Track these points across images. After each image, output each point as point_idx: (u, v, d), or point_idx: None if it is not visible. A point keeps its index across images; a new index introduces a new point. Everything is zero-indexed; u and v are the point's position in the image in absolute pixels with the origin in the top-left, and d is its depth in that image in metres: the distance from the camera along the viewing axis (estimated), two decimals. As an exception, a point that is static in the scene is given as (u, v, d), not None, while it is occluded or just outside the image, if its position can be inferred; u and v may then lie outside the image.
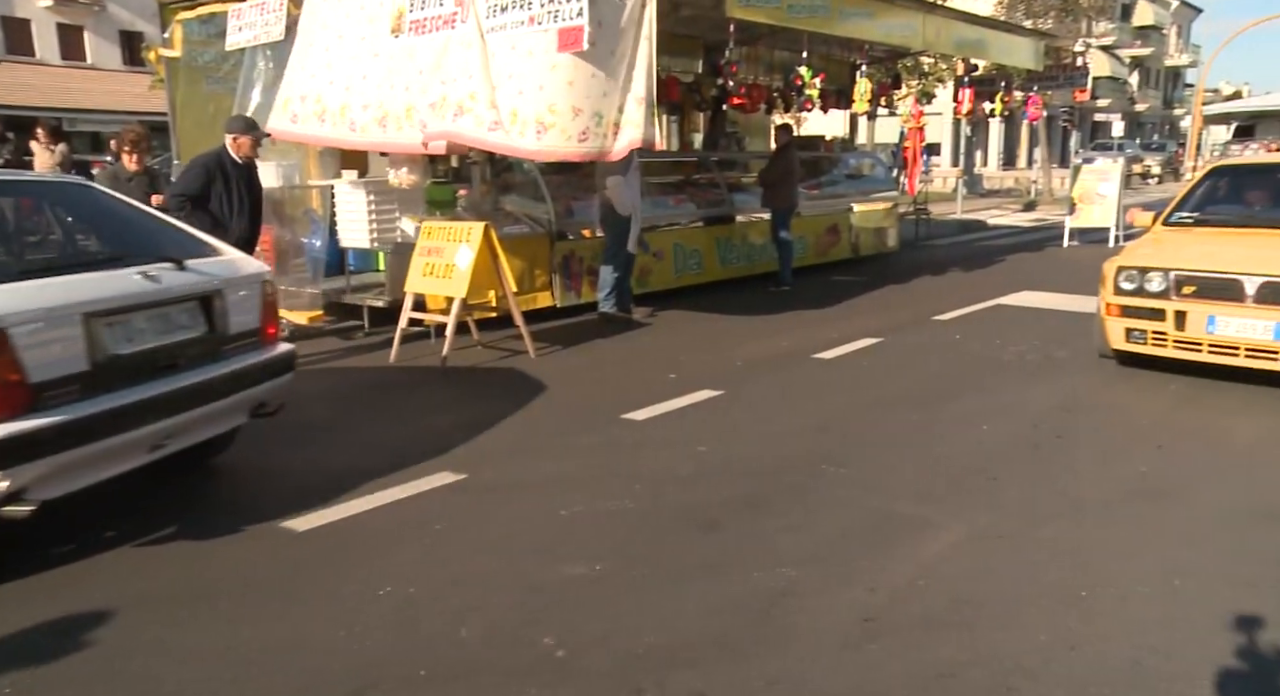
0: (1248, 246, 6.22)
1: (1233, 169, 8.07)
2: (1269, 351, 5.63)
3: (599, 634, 3.11)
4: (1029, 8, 27.98)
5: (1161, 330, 5.96)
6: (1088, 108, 45.44)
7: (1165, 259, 6.10)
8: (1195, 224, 6.94)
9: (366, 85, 7.39)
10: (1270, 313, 5.60)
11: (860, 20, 9.47)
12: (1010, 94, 14.46)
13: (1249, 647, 3.01)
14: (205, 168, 6.40)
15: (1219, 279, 5.79)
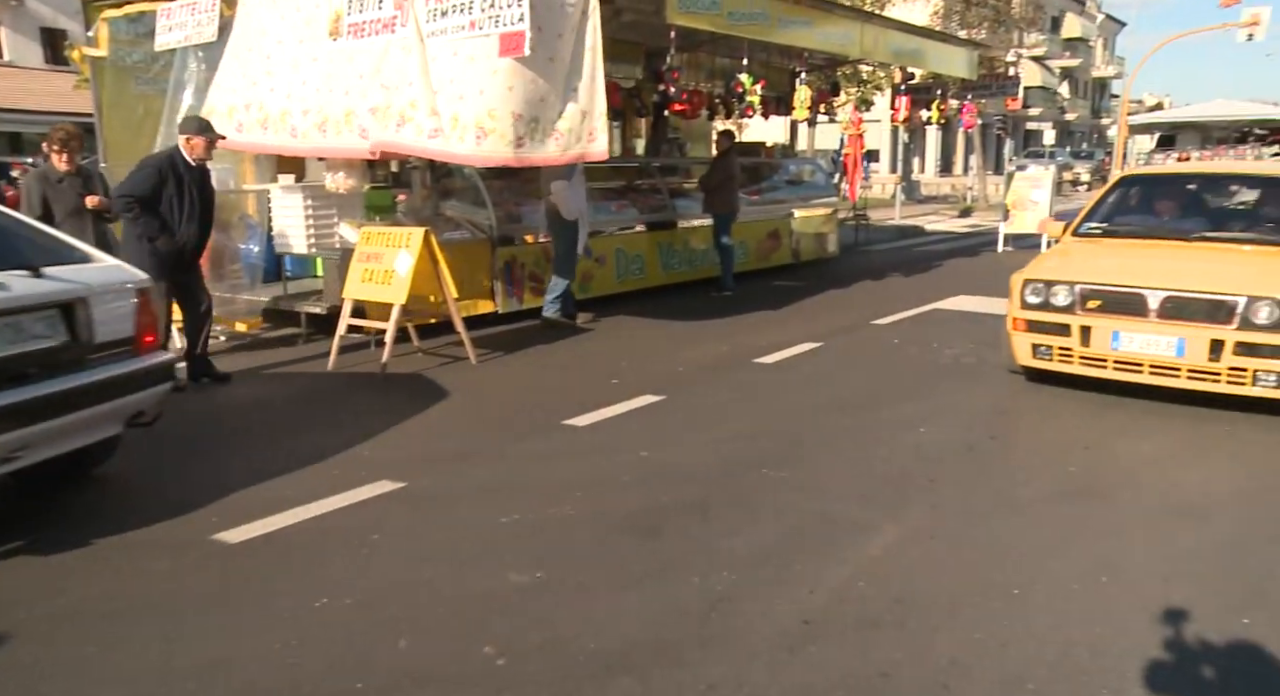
0: (1154, 259, 6.13)
1: (1141, 179, 7.94)
2: (1171, 368, 5.48)
3: (540, 641, 3.09)
4: (963, 18, 28.60)
5: (1067, 346, 5.80)
6: (1020, 116, 46.58)
7: (1071, 272, 5.96)
8: (1104, 235, 6.82)
9: (306, 90, 7.28)
10: (1173, 328, 5.44)
11: (799, 28, 9.58)
12: (946, 102, 14.74)
13: (1172, 639, 3.10)
14: (157, 168, 6.16)
15: (1123, 293, 5.64)
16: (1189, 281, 5.51)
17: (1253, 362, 5.22)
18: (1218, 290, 5.37)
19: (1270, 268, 5.67)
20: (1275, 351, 5.19)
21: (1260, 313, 5.21)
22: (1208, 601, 3.34)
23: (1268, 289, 5.28)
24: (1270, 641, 3.09)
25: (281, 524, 4.03)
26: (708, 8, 7.99)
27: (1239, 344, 5.22)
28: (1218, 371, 5.31)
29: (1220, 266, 5.79)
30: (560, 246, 8.48)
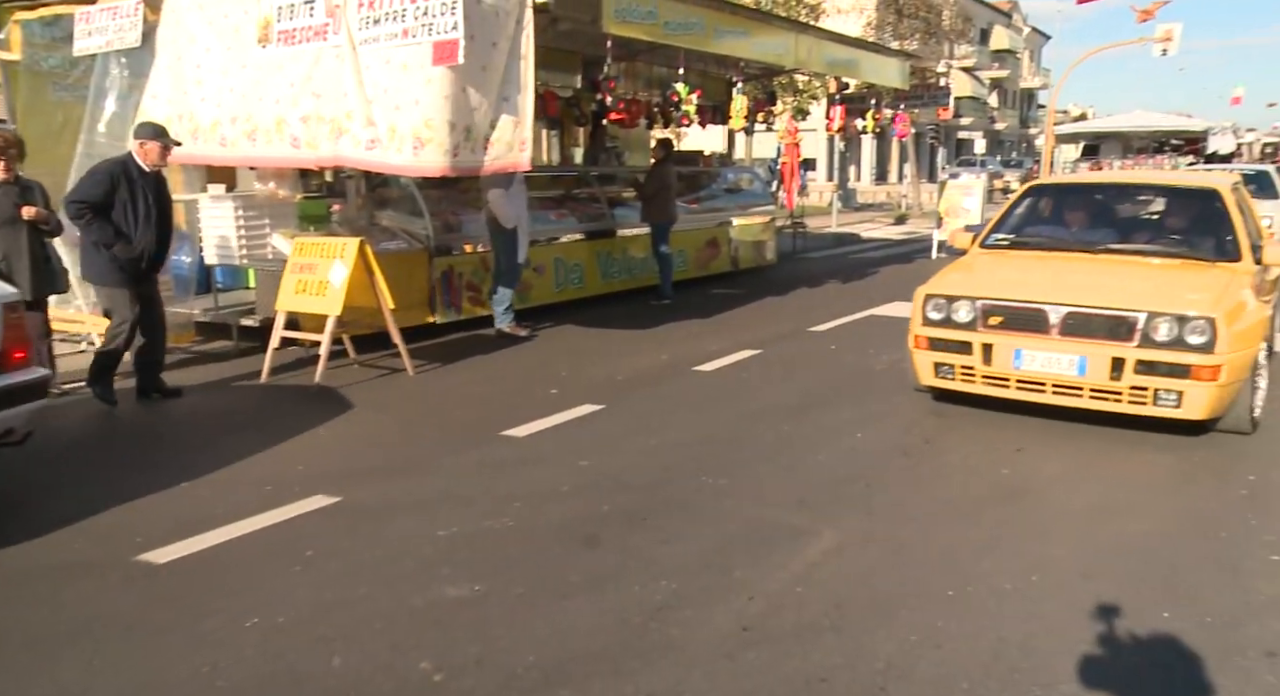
0: (1058, 272, 5.91)
1: (1050, 188, 7.70)
2: (1074, 388, 5.25)
3: (477, 655, 3.06)
4: (896, 29, 29.16)
5: (969, 365, 5.51)
6: (952, 126, 47.64)
7: (973, 286, 5.68)
8: (1011, 247, 6.57)
9: (234, 98, 7.12)
10: (1075, 345, 5.20)
11: (735, 38, 9.67)
12: (880, 112, 15.00)
13: (1097, 634, 3.18)
14: (109, 174, 5.91)
15: (1024, 309, 5.37)
16: (1091, 296, 5.30)
17: (1154, 381, 5.02)
18: (1118, 306, 5.16)
19: (1173, 281, 5.51)
20: (1176, 370, 4.97)
21: (1160, 329, 5.01)
22: (1130, 597, 3.43)
23: (1168, 304, 5.09)
24: (1186, 633, 3.18)
25: (210, 542, 3.92)
26: (644, 17, 8.01)
27: (1140, 362, 5.02)
28: (1119, 391, 5.11)
29: (1123, 280, 5.60)
30: (501, 255, 8.43)
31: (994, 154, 49.70)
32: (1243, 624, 3.27)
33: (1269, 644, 3.13)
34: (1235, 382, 5.05)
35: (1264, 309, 5.51)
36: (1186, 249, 6.01)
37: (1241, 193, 6.89)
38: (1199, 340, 4.92)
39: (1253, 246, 5.90)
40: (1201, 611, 3.35)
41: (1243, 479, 4.75)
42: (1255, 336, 5.25)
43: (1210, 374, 4.90)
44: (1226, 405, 5.13)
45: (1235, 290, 5.36)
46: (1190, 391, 4.95)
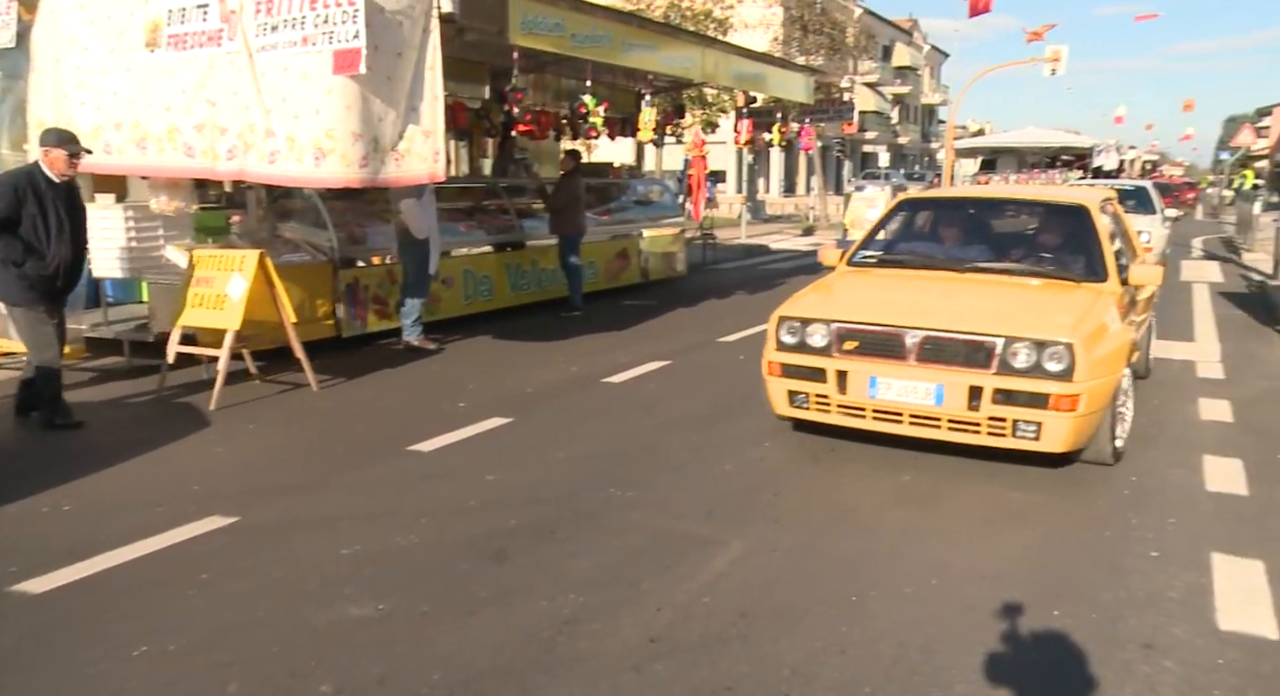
0: (920, 293, 5.56)
1: (922, 203, 7.39)
2: (931, 418, 4.87)
3: (380, 675, 2.99)
4: (801, 45, 29.80)
5: (824, 393, 5.09)
6: (858, 140, 48.88)
7: (829, 308, 5.30)
8: (879, 264, 6.20)
9: (118, 102, 6.83)
10: (931, 372, 4.82)
11: (642, 52, 9.75)
12: (786, 125, 15.34)
13: (993, 635, 3.28)
14: (13, 187, 5.48)
15: (880, 332, 5.01)
16: (949, 320, 4.94)
17: (1012, 412, 4.67)
18: (976, 330, 4.82)
19: (1035, 303, 5.25)
20: (1035, 399, 4.62)
21: (1019, 355, 4.68)
22: (1023, 597, 3.55)
23: (1028, 328, 4.76)
24: (1073, 630, 3.32)
25: (96, 569, 3.75)
26: (551, 29, 8.02)
27: (997, 391, 4.67)
28: (977, 422, 4.74)
29: (985, 302, 5.28)
30: (410, 267, 8.31)
31: (898, 167, 51.12)
32: (1123, 618, 3.42)
33: (1146, 637, 3.28)
34: (1096, 412, 4.75)
35: (1127, 332, 5.25)
36: (1053, 268, 5.73)
37: (1115, 209, 6.81)
38: (1057, 367, 4.61)
39: (1120, 266, 5.68)
40: (1087, 608, 3.48)
41: (1126, 480, 4.97)
42: (1117, 362, 4.97)
43: (1069, 403, 4.58)
44: (1087, 436, 4.83)
45: (1098, 313, 5.07)
46: (1049, 422, 4.61)
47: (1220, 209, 37.37)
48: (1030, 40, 26.62)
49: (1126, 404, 5.34)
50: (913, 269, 5.99)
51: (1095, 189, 8.05)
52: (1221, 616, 3.45)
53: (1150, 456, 5.39)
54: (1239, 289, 13.38)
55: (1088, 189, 8.58)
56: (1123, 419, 5.26)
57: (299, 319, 7.59)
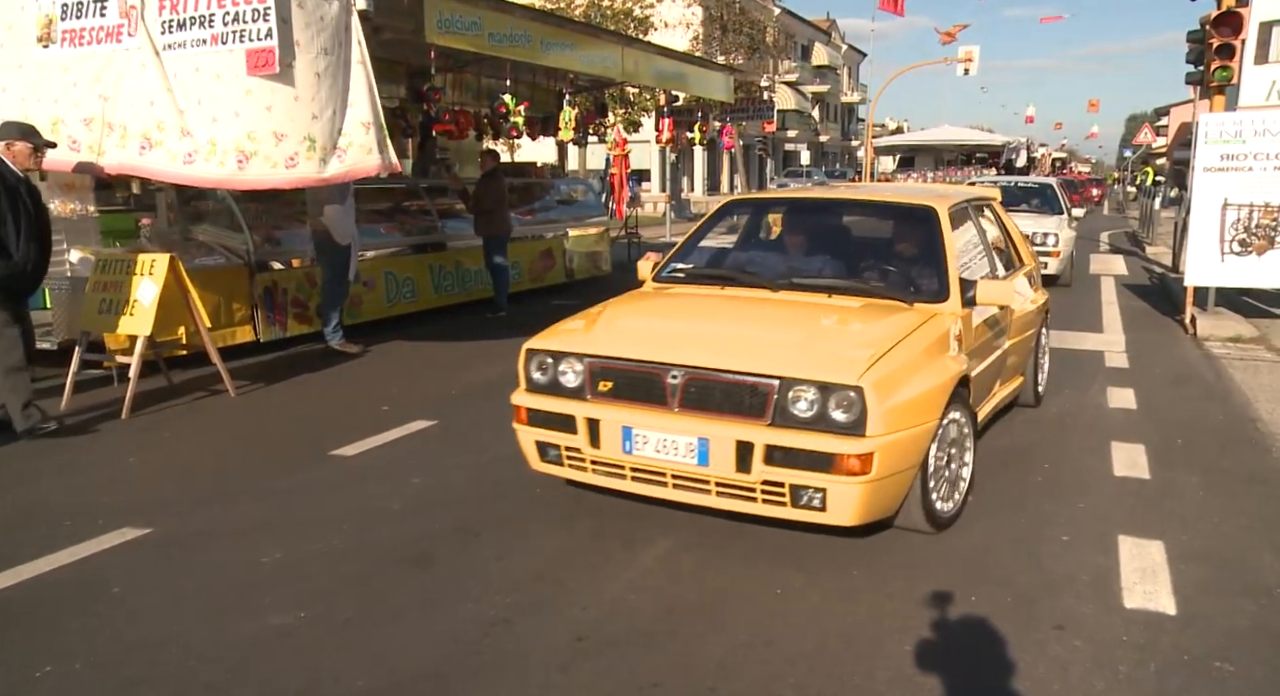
0: (709, 317, 4.55)
1: (749, 205, 6.38)
2: (699, 482, 3.81)
3: (303, 685, 2.94)
4: (721, 44, 30.07)
5: (576, 447, 4.04)
6: (780, 138, 49.57)
7: (589, 338, 4.24)
8: (688, 279, 5.12)
9: (7, 98, 6.53)
10: (695, 423, 3.76)
11: (562, 51, 9.74)
12: (707, 124, 15.48)
13: (914, 622, 3.36)
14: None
15: (637, 370, 3.93)
16: (720, 354, 3.86)
17: (790, 475, 3.61)
18: (749, 368, 3.74)
19: (839, 332, 4.16)
20: (816, 460, 3.56)
21: (799, 401, 3.64)
22: (943, 583, 3.65)
23: (812, 367, 3.68)
24: (990, 614, 3.42)
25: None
26: (468, 28, 7.96)
27: (770, 448, 3.60)
28: (750, 487, 3.70)
29: (776, 331, 4.19)
30: (328, 272, 8.15)
31: (819, 165, 52.01)
32: (1037, 601, 3.53)
33: (1058, 618, 3.40)
34: (900, 473, 3.73)
35: (949, 367, 4.11)
36: (883, 285, 4.73)
37: (994, 212, 6.00)
38: (844, 417, 3.59)
39: (963, 283, 4.63)
40: (1004, 592, 3.60)
41: (1039, 467, 5.14)
42: (930, 407, 3.89)
43: (858, 464, 3.53)
44: (889, 503, 3.82)
45: (914, 343, 4.00)
46: (834, 489, 3.57)
47: (1125, 204, 38.86)
48: (945, 42, 27.34)
49: (962, 457, 4.33)
50: (722, 285, 4.90)
51: (976, 189, 7.09)
52: (1126, 595, 3.60)
53: (1063, 443, 5.58)
54: (1143, 281, 13.92)
55: (961, 188, 7.43)
56: (954, 478, 4.27)
57: (215, 324, 7.40)
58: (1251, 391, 6.86)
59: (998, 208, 6.12)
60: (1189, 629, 3.34)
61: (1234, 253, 8.99)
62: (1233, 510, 4.53)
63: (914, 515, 4.01)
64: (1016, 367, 5.74)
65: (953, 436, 4.21)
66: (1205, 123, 9.16)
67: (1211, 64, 10.32)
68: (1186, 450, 5.48)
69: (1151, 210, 22.62)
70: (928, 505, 4.03)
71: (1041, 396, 6.42)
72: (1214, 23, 10.29)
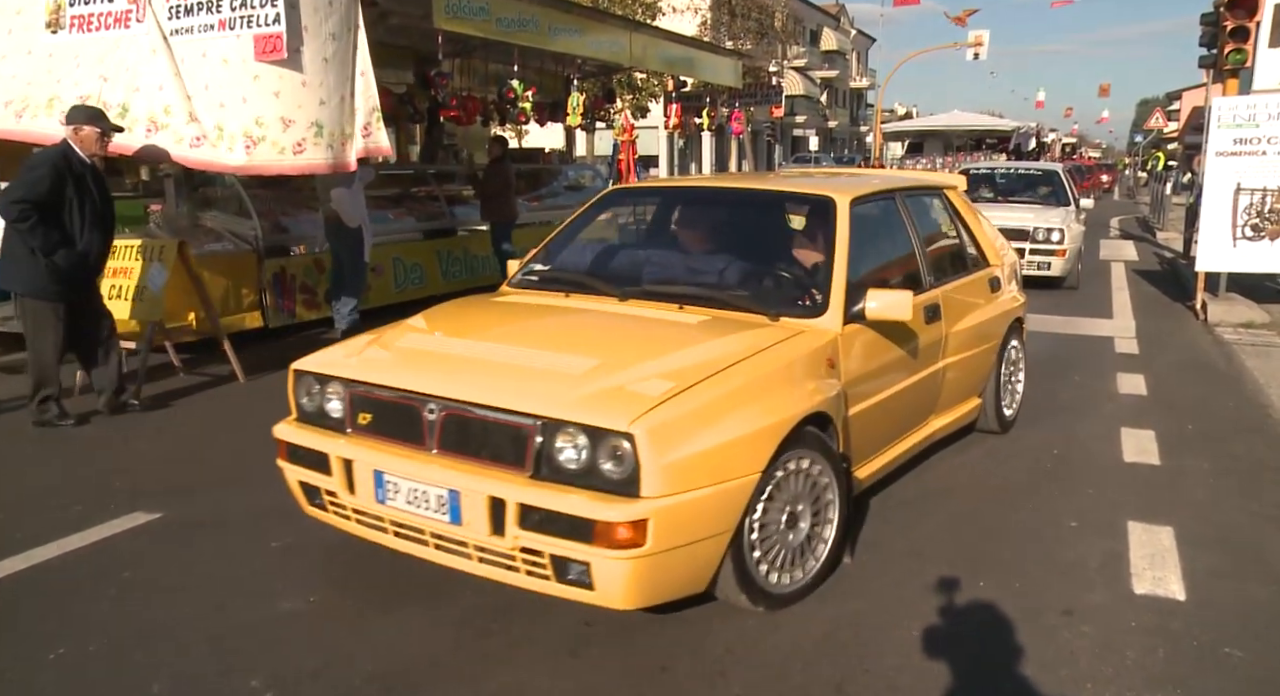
0: (506, 334, 3.79)
1: (631, 196, 5.65)
2: (456, 543, 3.09)
3: (313, 668, 2.96)
4: (729, 29, 29.92)
5: (334, 491, 3.36)
6: (788, 123, 49.35)
7: (360, 359, 3.57)
8: (540, 284, 4.35)
9: (15, 84, 6.50)
10: (447, 470, 3.03)
11: (570, 36, 9.71)
12: (715, 109, 15.40)
13: (923, 608, 3.36)
14: (53, 166, 5.12)
15: (395, 400, 3.23)
16: (482, 383, 3.14)
17: (548, 543, 2.85)
18: (508, 403, 2.99)
19: (647, 357, 3.30)
20: (578, 527, 2.79)
21: (566, 449, 2.89)
22: (952, 570, 3.65)
23: (588, 404, 2.92)
24: (1000, 601, 3.42)
25: (10, 570, 3.63)
26: (476, 13, 7.94)
27: (524, 507, 2.86)
28: (511, 554, 2.96)
29: (572, 352, 3.41)
30: (346, 256, 8.14)
31: (828, 150, 51.76)
32: (1045, 587, 3.53)
33: (1066, 603, 3.40)
34: (693, 543, 2.93)
35: (793, 403, 3.25)
36: (745, 294, 3.90)
37: (934, 203, 5.14)
38: (616, 473, 2.84)
39: (855, 293, 3.77)
40: (1011, 578, 3.60)
41: (1048, 453, 5.13)
42: (747, 457, 3.06)
43: (626, 534, 2.75)
44: (684, 580, 3.05)
45: (747, 372, 3.22)
46: (599, 564, 2.81)
47: (1136, 190, 38.62)
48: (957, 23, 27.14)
49: (823, 514, 3.46)
50: (567, 293, 4.17)
51: (928, 175, 6.47)
52: (1135, 580, 3.59)
53: (1072, 429, 5.56)
54: (1153, 267, 13.85)
55: (898, 174, 6.41)
56: (800, 543, 3.38)
57: (224, 310, 7.41)
58: (1263, 377, 6.83)
59: (955, 197, 5.25)
60: (1199, 615, 3.33)
61: (1246, 237, 8.93)
62: (1243, 496, 4.52)
63: (731, 590, 3.18)
64: (965, 389, 4.88)
65: (796, 490, 3.32)
66: (1218, 106, 9.09)
67: (1225, 47, 10.22)
68: (1197, 436, 5.46)
69: (1162, 195, 22.49)
70: (748, 578, 3.17)
71: (1011, 421, 5.44)
72: (1228, 5, 10.18)
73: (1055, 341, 8.12)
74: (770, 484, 3.19)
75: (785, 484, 3.27)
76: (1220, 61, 10.53)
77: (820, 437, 3.42)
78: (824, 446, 3.42)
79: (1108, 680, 2.92)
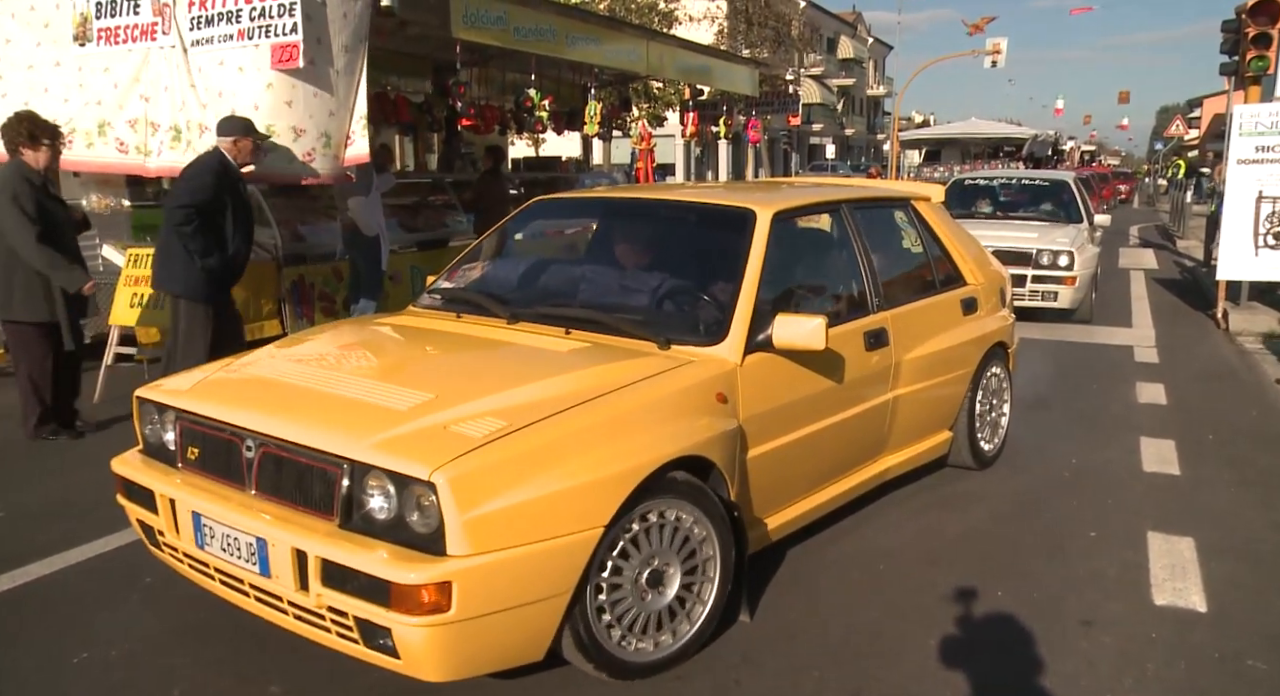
0: (350, 362, 3.45)
1: (555, 207, 4.98)
2: (273, 596, 2.73)
3: (329, 672, 2.97)
4: (746, 37, 29.97)
5: (164, 530, 3.05)
6: (804, 132, 49.32)
7: (198, 386, 3.25)
8: (442, 304, 4.01)
9: (50, 100, 6.65)
10: (256, 515, 2.73)
11: (587, 45, 9.75)
12: (732, 118, 15.41)
13: (939, 617, 3.35)
14: (215, 173, 5.23)
15: (217, 434, 2.95)
16: (299, 416, 2.84)
17: (352, 604, 2.51)
18: (317, 442, 2.68)
19: (484, 391, 2.91)
20: (375, 588, 2.44)
21: (375, 496, 2.57)
22: (968, 579, 3.63)
23: (398, 445, 2.58)
24: (1018, 610, 3.40)
25: (32, 575, 3.67)
26: (494, 23, 7.99)
27: (325, 563, 2.54)
28: (320, 613, 2.61)
29: (408, 383, 3.03)
30: (364, 265, 8.20)
31: (844, 159, 51.73)
32: (1064, 597, 3.51)
33: (1085, 614, 3.38)
34: (514, 608, 2.56)
35: (653, 446, 2.84)
36: (638, 319, 3.51)
37: (896, 216, 4.71)
38: (422, 526, 2.51)
39: (762, 318, 3.36)
40: (1029, 588, 3.57)
41: (1066, 462, 5.10)
42: (584, 511, 2.65)
43: (426, 599, 2.41)
44: (508, 650, 2.68)
45: (604, 410, 2.84)
46: (400, 631, 2.45)
47: (1156, 198, 38.34)
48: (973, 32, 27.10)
49: (703, 573, 3.05)
50: (460, 314, 3.83)
51: (894, 185, 5.96)
52: (1155, 591, 3.57)
53: (1091, 439, 5.53)
54: (1173, 275, 13.75)
55: (856, 183, 6.03)
56: (659, 606, 2.95)
57: (243, 318, 7.45)
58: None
59: (925, 209, 4.77)
60: (1220, 626, 3.30)
61: (1268, 246, 8.86)
62: (1265, 506, 4.47)
63: (576, 658, 2.81)
64: (927, 422, 4.44)
65: (659, 546, 2.90)
66: (1240, 114, 9.03)
67: (1247, 54, 10.15)
68: (1218, 446, 5.41)
69: (1183, 203, 22.33)
70: (596, 646, 2.77)
71: (992, 456, 4.96)
72: (1250, 11, 10.12)
73: (1074, 350, 8.07)
74: (623, 539, 2.81)
75: (644, 539, 2.87)
76: (1242, 68, 10.46)
77: (695, 485, 2.98)
78: (699, 495, 2.99)
79: (1127, 691, 2.90)
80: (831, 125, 54.08)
